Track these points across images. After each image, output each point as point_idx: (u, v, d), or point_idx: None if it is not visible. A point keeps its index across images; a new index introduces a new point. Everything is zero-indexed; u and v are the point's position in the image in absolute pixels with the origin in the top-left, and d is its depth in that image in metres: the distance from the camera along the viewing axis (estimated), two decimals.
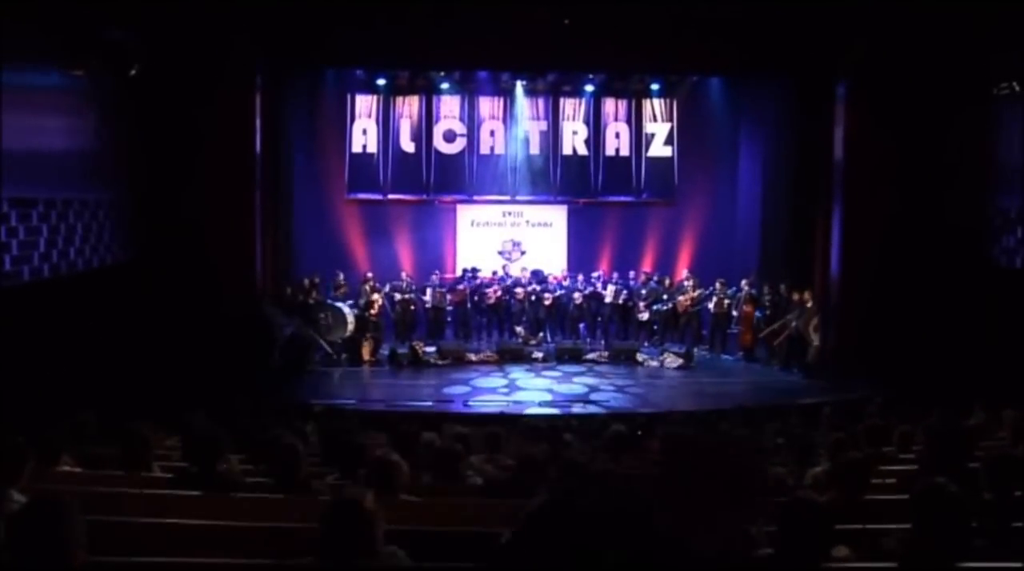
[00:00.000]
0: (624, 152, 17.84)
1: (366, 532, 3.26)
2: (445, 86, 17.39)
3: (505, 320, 16.22)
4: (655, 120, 17.83)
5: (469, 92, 17.57)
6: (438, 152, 17.59)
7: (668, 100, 17.81)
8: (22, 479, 4.29)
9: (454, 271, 17.28)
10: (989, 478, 4.27)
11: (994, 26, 11.24)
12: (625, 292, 16.06)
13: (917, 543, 3.64)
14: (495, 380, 13.50)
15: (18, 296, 8.79)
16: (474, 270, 16.57)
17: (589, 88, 17.49)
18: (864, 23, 12.59)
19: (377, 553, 3.30)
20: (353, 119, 17.44)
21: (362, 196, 17.61)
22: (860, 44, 13.05)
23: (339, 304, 14.62)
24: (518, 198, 17.90)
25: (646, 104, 17.80)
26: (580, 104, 17.77)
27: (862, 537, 3.99)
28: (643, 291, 16.06)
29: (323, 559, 3.29)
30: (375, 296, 14.94)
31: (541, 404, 12.08)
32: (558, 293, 16.12)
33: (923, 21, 12.00)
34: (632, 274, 16.51)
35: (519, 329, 15.85)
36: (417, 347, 14.71)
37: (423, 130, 17.50)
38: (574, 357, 14.80)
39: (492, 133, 17.71)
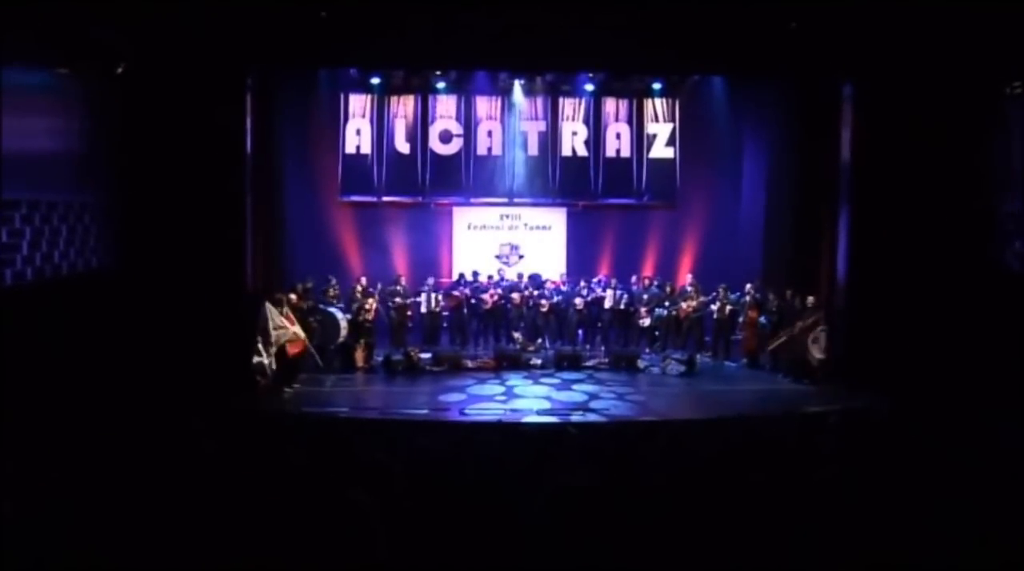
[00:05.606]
0: (625, 153, 17.60)
1: (361, 537, 3.33)
2: (441, 85, 17.14)
3: (502, 326, 15.95)
4: (657, 120, 17.60)
5: (466, 92, 17.32)
6: (434, 153, 17.35)
7: (670, 100, 17.58)
8: None
9: (450, 275, 17.05)
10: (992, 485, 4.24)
11: (1003, 26, 11.03)
12: (626, 297, 15.81)
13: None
14: (492, 387, 13.28)
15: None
16: (475, 274, 16.30)
17: (589, 87, 17.24)
18: (871, 22, 12.34)
19: (372, 557, 3.32)
20: (346, 119, 17.20)
21: (356, 198, 17.38)
22: (867, 43, 12.78)
23: (332, 309, 14.34)
24: (516, 200, 17.68)
25: (647, 104, 17.56)
26: (580, 104, 17.52)
27: None
28: (644, 296, 15.86)
29: (318, 564, 3.31)
30: (369, 301, 14.67)
31: (539, 412, 11.86)
32: (556, 299, 15.82)
33: (931, 21, 11.79)
34: (633, 279, 16.26)
35: (517, 335, 15.60)
36: (412, 353, 14.48)
37: (418, 130, 17.28)
38: (573, 364, 14.58)
39: (489, 133, 17.45)
